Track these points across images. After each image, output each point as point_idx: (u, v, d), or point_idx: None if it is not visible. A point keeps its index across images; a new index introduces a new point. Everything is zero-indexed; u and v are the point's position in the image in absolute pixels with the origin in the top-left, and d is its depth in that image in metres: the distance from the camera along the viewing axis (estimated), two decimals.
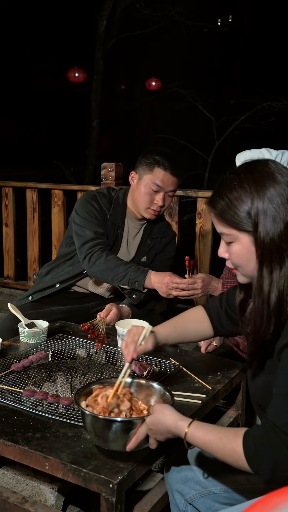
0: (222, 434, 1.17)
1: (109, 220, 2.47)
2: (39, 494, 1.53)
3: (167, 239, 2.60)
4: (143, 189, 2.40)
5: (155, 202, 2.40)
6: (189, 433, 1.21)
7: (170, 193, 2.43)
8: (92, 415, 1.29)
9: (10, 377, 1.75)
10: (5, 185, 4.06)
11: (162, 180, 2.37)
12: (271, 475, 1.08)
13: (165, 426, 1.25)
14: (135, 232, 2.56)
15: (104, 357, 1.99)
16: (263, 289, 1.18)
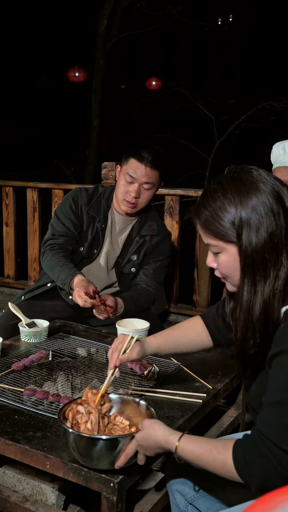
0: (211, 446, 1.16)
1: (86, 213, 2.48)
2: (40, 493, 1.54)
3: (159, 238, 2.55)
4: (120, 181, 2.42)
5: (129, 193, 2.39)
6: (179, 447, 1.19)
7: (146, 186, 2.39)
8: (77, 434, 1.25)
9: (11, 377, 1.75)
10: (5, 185, 4.06)
11: (135, 170, 2.36)
12: (261, 485, 1.07)
13: (156, 442, 1.23)
14: (122, 227, 2.54)
15: (105, 356, 1.99)
16: (245, 300, 1.16)
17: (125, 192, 2.40)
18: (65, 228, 2.47)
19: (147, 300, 2.45)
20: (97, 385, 1.70)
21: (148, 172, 2.37)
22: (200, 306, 3.34)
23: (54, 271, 2.33)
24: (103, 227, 2.50)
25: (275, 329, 1.15)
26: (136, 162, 2.37)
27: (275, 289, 1.13)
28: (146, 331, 2.07)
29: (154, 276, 2.51)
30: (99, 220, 2.49)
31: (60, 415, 1.33)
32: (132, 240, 2.52)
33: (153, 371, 1.77)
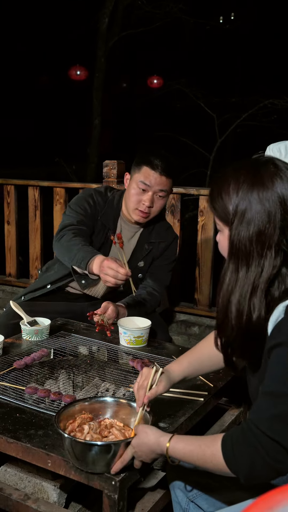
0: (201, 442, 1.17)
1: (100, 221, 2.41)
2: (42, 491, 1.54)
3: (166, 243, 2.52)
4: (132, 189, 2.34)
5: (143, 202, 2.32)
6: (170, 447, 1.20)
7: (161, 194, 2.33)
8: (73, 439, 1.25)
9: (13, 375, 1.76)
10: (7, 183, 4.06)
11: (149, 178, 2.29)
12: (248, 475, 1.07)
13: (148, 446, 1.23)
14: (129, 235, 2.48)
15: (106, 354, 1.99)
16: (226, 283, 1.18)
17: (137, 201, 2.33)
18: (85, 220, 2.37)
19: (152, 305, 2.43)
20: (98, 383, 1.70)
21: (163, 180, 2.31)
22: (201, 305, 3.34)
23: (71, 250, 2.17)
24: (109, 235, 2.42)
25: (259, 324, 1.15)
26: (150, 170, 2.29)
27: (255, 282, 1.14)
28: (147, 329, 2.07)
29: (160, 280, 2.49)
30: (109, 229, 2.42)
31: (57, 419, 1.33)
32: (141, 248, 2.47)
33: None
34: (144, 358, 1.89)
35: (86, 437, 1.30)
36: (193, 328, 3.33)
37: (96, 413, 1.43)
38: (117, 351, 2.02)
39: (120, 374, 1.79)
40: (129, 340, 2.04)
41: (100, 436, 1.32)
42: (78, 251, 2.13)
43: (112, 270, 1.92)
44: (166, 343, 2.17)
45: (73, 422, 1.36)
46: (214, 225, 3.24)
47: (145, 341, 2.07)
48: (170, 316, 3.42)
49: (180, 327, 3.38)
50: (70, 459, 1.29)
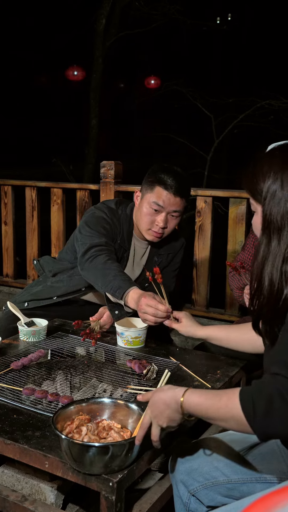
0: (216, 391, 1.23)
1: (117, 243, 2.34)
2: (39, 493, 1.53)
3: (175, 252, 2.50)
4: (144, 209, 2.27)
5: (156, 223, 2.26)
6: (185, 400, 1.24)
7: (174, 214, 2.27)
8: (70, 440, 1.25)
9: (10, 376, 1.75)
10: (4, 184, 4.06)
11: (162, 199, 2.22)
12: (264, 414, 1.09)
13: (163, 400, 1.27)
14: (142, 252, 2.44)
15: (104, 355, 1.99)
16: (260, 256, 1.27)
17: (151, 222, 2.27)
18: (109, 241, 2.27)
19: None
20: (96, 384, 1.70)
21: (177, 201, 2.24)
22: (199, 305, 3.34)
23: (106, 275, 2.03)
24: (127, 254, 2.39)
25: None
26: (163, 191, 2.22)
27: (286, 253, 1.23)
28: (145, 330, 2.07)
29: (168, 286, 2.42)
30: (126, 250, 2.37)
31: (54, 420, 1.33)
32: (151, 261, 2.44)
33: (152, 370, 1.77)
34: (142, 359, 1.88)
35: (84, 438, 1.30)
36: None
37: (93, 414, 1.42)
38: (114, 351, 2.01)
39: (117, 375, 1.79)
40: (126, 340, 2.04)
41: (98, 438, 1.32)
42: (114, 278, 2.00)
43: (151, 308, 1.84)
44: (164, 344, 2.17)
45: (71, 423, 1.35)
46: (212, 225, 3.25)
47: (143, 341, 2.07)
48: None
49: None
50: (67, 460, 1.29)
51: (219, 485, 1.35)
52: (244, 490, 1.34)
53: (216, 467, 1.37)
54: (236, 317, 3.13)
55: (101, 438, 1.33)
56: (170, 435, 1.45)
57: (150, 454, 1.38)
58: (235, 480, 1.35)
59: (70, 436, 1.30)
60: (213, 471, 1.36)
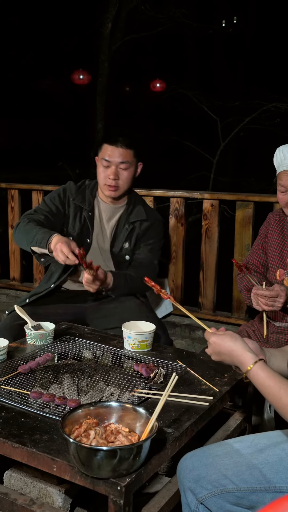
0: (282, 384, 1.26)
1: (73, 203, 2.57)
2: (47, 496, 1.53)
3: (149, 223, 2.60)
4: (98, 168, 2.52)
5: (108, 177, 2.47)
6: (252, 370, 1.31)
7: (122, 166, 2.47)
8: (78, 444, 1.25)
9: (17, 379, 1.76)
10: (11, 187, 4.07)
11: (108, 154, 2.46)
12: None
13: (231, 350, 1.37)
14: (109, 215, 2.60)
15: (111, 359, 1.99)
16: None
17: (104, 177, 2.49)
18: (49, 209, 2.55)
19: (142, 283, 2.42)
20: (103, 388, 1.70)
21: (122, 152, 2.46)
22: (205, 309, 3.34)
23: (29, 233, 2.36)
24: (90, 215, 2.57)
25: None
26: (109, 146, 2.47)
27: None
28: (152, 333, 2.07)
29: (147, 259, 2.56)
30: (85, 209, 2.56)
31: (62, 424, 1.33)
32: (122, 228, 2.57)
33: (159, 374, 1.77)
34: (149, 362, 1.88)
35: (92, 442, 1.30)
36: (197, 332, 3.33)
37: (101, 418, 1.42)
38: (121, 355, 2.01)
39: (124, 378, 1.79)
40: (133, 344, 2.04)
41: (106, 442, 1.32)
42: (36, 233, 2.33)
43: (63, 254, 2.18)
44: (171, 348, 2.17)
45: (79, 427, 1.35)
46: (218, 229, 3.24)
47: (150, 345, 2.07)
48: (174, 320, 3.41)
49: (184, 331, 3.38)
50: (75, 464, 1.29)
51: (228, 493, 1.34)
52: (253, 499, 1.33)
53: (224, 475, 1.35)
54: (243, 321, 3.12)
55: (109, 442, 1.33)
56: (177, 440, 1.45)
57: (158, 458, 1.38)
58: (244, 488, 1.33)
59: (78, 440, 1.30)
60: (222, 479, 1.35)
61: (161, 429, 1.46)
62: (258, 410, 2.30)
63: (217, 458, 1.40)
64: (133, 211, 2.59)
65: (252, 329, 2.36)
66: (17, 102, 14.03)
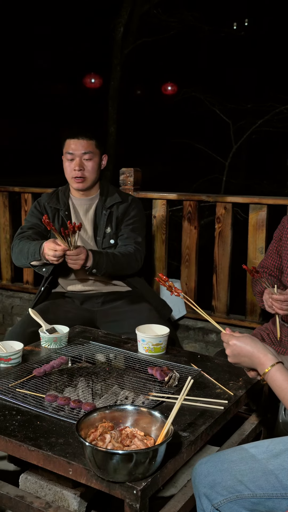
0: None
1: (49, 207, 2.65)
2: (62, 499, 1.54)
3: (125, 204, 2.66)
4: (64, 164, 2.60)
5: (74, 169, 2.55)
6: (271, 371, 1.33)
7: (86, 156, 2.55)
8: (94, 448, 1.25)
9: (32, 382, 1.77)
10: (24, 191, 4.09)
11: (71, 147, 2.55)
12: None
13: (251, 353, 1.38)
14: (84, 208, 2.67)
15: (125, 362, 1.99)
16: None
17: (70, 171, 2.57)
18: (31, 223, 2.63)
19: (127, 259, 2.52)
20: (117, 391, 1.70)
21: (84, 143, 2.54)
22: (219, 312, 3.32)
23: (23, 251, 2.46)
24: (67, 214, 2.63)
25: None
26: (70, 140, 2.56)
27: None
28: (166, 337, 2.07)
29: (131, 238, 2.60)
30: (61, 209, 2.64)
31: (78, 427, 1.33)
32: (100, 215, 2.63)
33: (174, 377, 1.77)
34: (163, 366, 1.88)
35: (108, 446, 1.30)
36: (210, 335, 3.32)
37: (116, 422, 1.42)
38: (135, 358, 2.01)
39: (139, 382, 1.79)
40: (147, 347, 2.04)
41: (121, 445, 1.32)
42: (28, 248, 2.43)
43: (50, 250, 2.28)
44: (185, 351, 2.16)
45: (95, 431, 1.36)
46: (231, 232, 3.23)
47: (164, 348, 2.07)
48: (187, 323, 3.40)
49: (198, 334, 3.37)
50: (91, 467, 1.29)
51: (244, 499, 1.33)
52: (269, 505, 1.32)
53: (240, 481, 1.34)
54: (257, 324, 3.11)
55: (124, 445, 1.33)
56: (192, 444, 1.45)
57: (174, 462, 1.38)
58: (260, 495, 1.32)
59: (94, 444, 1.30)
60: (237, 485, 1.34)
61: (176, 433, 1.46)
62: (272, 413, 2.28)
63: (232, 463, 1.39)
64: (107, 197, 2.66)
65: (266, 333, 2.35)
66: (29, 105, 14.12)
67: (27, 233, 2.58)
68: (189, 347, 3.34)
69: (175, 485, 1.81)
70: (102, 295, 2.63)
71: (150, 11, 9.40)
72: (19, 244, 2.52)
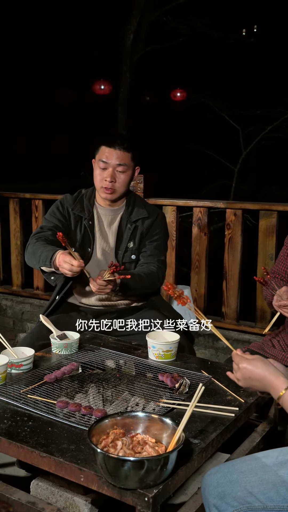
0: None
1: (73, 213, 2.54)
2: (73, 506, 1.54)
3: (151, 220, 2.56)
4: (95, 170, 2.49)
5: (105, 179, 2.43)
6: (286, 394, 1.30)
7: (119, 168, 2.44)
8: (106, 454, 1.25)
9: (43, 388, 1.77)
10: (35, 198, 4.12)
11: (105, 155, 2.43)
12: None
13: (262, 376, 1.35)
14: (109, 219, 2.56)
15: (135, 368, 1.99)
16: None
17: (101, 180, 2.46)
18: (53, 224, 2.53)
19: (150, 280, 2.45)
20: (128, 398, 1.70)
21: (120, 155, 2.43)
22: (229, 318, 3.32)
23: (36, 253, 2.37)
24: (90, 224, 2.53)
25: None
26: (106, 148, 2.44)
27: None
28: (176, 343, 2.07)
29: (154, 256, 2.52)
30: (85, 218, 2.53)
31: (90, 434, 1.34)
32: (124, 229, 2.54)
33: (184, 384, 1.77)
34: (174, 372, 1.88)
35: (119, 453, 1.31)
36: (220, 342, 3.32)
37: (127, 428, 1.43)
38: (146, 365, 2.01)
39: (149, 388, 1.79)
40: (158, 354, 2.04)
41: (133, 452, 1.32)
42: (42, 252, 2.33)
43: (66, 263, 2.19)
44: (195, 358, 2.16)
45: (107, 437, 1.36)
46: (242, 238, 3.23)
47: (174, 355, 2.07)
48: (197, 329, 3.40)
49: (207, 341, 3.37)
50: (103, 474, 1.29)
51: (254, 510, 1.32)
52: None
53: (250, 492, 1.33)
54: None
55: (136, 452, 1.33)
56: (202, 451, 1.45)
57: (185, 470, 1.38)
58: (270, 507, 1.31)
59: (106, 450, 1.30)
60: (248, 496, 1.33)
61: (187, 440, 1.46)
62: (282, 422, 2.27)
63: (241, 474, 1.38)
64: (133, 210, 2.56)
65: (277, 339, 2.34)
66: (38, 112, 14.21)
67: (45, 233, 2.48)
68: (199, 354, 3.34)
69: (186, 493, 1.81)
70: (115, 312, 2.54)
71: (160, 18, 9.46)
72: (34, 244, 2.42)
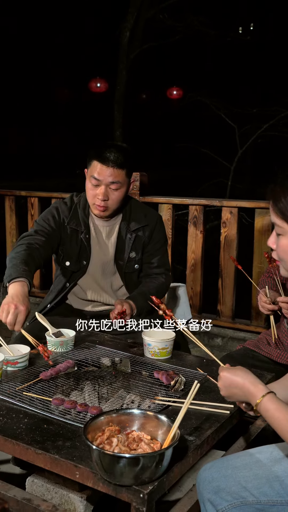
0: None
1: (69, 227, 2.42)
2: (68, 503, 1.54)
3: (151, 227, 2.47)
4: (87, 185, 2.36)
5: (97, 196, 2.31)
6: (263, 401, 1.29)
7: (112, 186, 2.31)
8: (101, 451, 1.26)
9: (39, 386, 1.77)
10: (31, 195, 4.12)
11: (97, 172, 2.29)
12: None
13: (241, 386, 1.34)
14: (107, 230, 2.46)
15: (131, 366, 1.99)
16: None
17: (93, 196, 2.34)
18: (46, 230, 2.38)
19: (158, 291, 2.41)
20: (124, 395, 1.71)
21: (113, 172, 2.29)
22: (224, 316, 3.33)
23: (10, 262, 2.17)
24: (87, 237, 2.42)
25: None
26: (98, 164, 2.29)
27: None
28: (172, 341, 2.07)
29: (161, 267, 2.49)
30: (82, 231, 2.42)
31: (85, 431, 1.34)
32: (124, 239, 2.45)
33: (180, 381, 1.77)
34: (169, 370, 1.89)
35: (114, 449, 1.31)
36: (216, 339, 3.33)
37: (123, 425, 1.43)
38: (141, 362, 2.02)
39: (145, 386, 1.79)
40: (153, 351, 2.05)
41: (128, 449, 1.33)
42: (11, 267, 2.12)
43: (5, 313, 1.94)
44: (191, 355, 2.17)
45: (102, 434, 1.37)
46: (237, 236, 3.24)
47: (170, 352, 2.07)
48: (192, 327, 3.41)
49: (203, 339, 3.37)
50: (98, 471, 1.30)
51: (248, 505, 1.33)
52: (273, 511, 1.32)
53: (244, 487, 1.34)
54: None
55: (131, 449, 1.34)
56: (197, 448, 1.45)
57: (180, 466, 1.38)
58: (264, 501, 1.33)
59: (101, 447, 1.31)
60: (242, 491, 1.34)
61: (182, 437, 1.46)
62: None
63: (236, 469, 1.39)
64: (131, 218, 2.46)
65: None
66: (34, 110, 14.19)
67: (36, 239, 2.32)
68: (194, 351, 3.35)
69: (181, 489, 1.82)
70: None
71: (156, 16, 9.45)
72: (17, 250, 2.25)
